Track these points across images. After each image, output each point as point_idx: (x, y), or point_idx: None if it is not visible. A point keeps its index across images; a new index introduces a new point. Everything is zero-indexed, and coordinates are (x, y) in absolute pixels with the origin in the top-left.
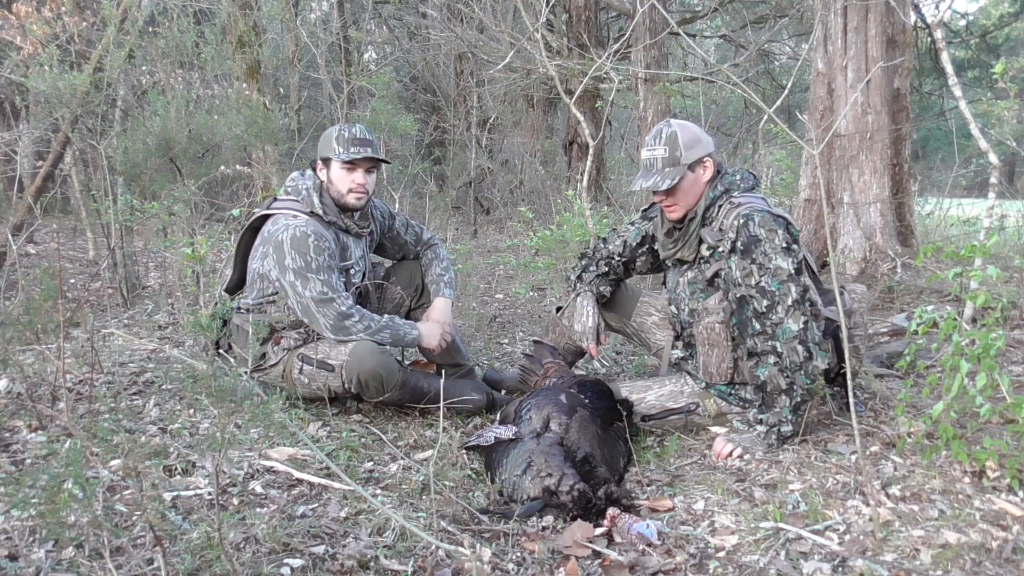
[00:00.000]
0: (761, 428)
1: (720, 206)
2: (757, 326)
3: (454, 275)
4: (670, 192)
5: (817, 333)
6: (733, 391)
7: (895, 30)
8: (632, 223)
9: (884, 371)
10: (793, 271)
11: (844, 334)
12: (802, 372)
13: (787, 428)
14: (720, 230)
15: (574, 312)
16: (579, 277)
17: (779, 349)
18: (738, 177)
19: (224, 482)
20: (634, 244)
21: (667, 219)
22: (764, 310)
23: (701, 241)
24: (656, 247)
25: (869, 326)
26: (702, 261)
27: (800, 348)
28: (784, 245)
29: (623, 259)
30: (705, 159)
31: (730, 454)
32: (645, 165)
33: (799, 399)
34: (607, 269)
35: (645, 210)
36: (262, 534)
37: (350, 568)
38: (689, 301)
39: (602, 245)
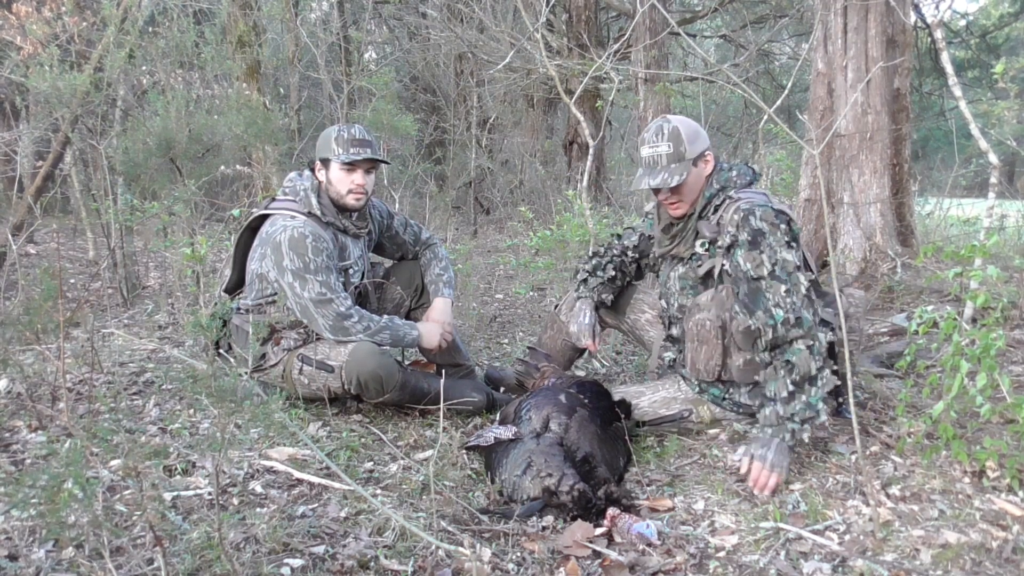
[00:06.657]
0: (793, 424)
1: (718, 203)
2: (780, 313)
3: (453, 275)
4: (676, 189)
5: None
6: (727, 395)
7: (895, 30)
8: (645, 217)
9: (884, 371)
10: (799, 263)
11: (844, 334)
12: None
13: (822, 418)
14: (718, 224)
15: (571, 314)
16: (584, 281)
17: (806, 334)
18: (734, 173)
19: (224, 482)
20: (649, 235)
21: (667, 216)
22: (784, 295)
23: (697, 235)
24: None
25: (869, 326)
26: (694, 257)
27: (821, 335)
28: (787, 240)
29: (638, 252)
30: (706, 153)
31: (767, 483)
32: (648, 163)
33: (829, 384)
34: (614, 273)
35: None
36: (262, 534)
37: (350, 568)
38: (679, 296)
39: (616, 241)
